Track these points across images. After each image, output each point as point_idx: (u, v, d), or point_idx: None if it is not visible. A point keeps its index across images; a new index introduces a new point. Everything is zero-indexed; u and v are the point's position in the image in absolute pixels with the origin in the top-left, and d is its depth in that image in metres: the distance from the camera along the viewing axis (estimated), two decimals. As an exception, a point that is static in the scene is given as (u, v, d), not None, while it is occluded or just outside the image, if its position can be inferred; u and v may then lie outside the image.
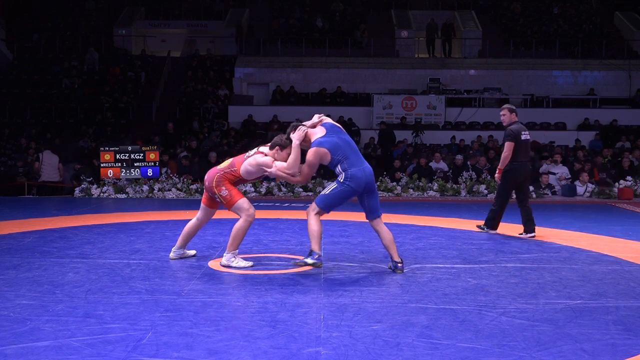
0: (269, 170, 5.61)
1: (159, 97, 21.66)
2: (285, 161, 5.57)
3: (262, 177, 5.92)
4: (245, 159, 5.76)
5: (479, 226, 8.25)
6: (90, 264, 5.88)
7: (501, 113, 8.05)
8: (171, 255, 6.19)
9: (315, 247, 5.42)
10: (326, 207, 5.55)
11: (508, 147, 7.75)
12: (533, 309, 4.47)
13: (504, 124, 8.07)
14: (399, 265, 5.63)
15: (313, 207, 5.55)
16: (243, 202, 5.73)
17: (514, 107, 8.18)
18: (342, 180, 5.48)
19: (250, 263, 5.77)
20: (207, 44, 25.04)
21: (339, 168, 5.51)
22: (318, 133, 5.55)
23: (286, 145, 5.61)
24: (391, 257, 5.67)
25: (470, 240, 7.53)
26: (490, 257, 6.43)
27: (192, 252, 6.34)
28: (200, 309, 4.40)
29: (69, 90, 20.92)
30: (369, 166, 5.61)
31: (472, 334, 3.90)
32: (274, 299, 4.71)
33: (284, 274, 5.60)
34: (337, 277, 5.45)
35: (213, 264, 5.93)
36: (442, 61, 23.22)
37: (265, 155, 5.69)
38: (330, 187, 5.57)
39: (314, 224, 5.46)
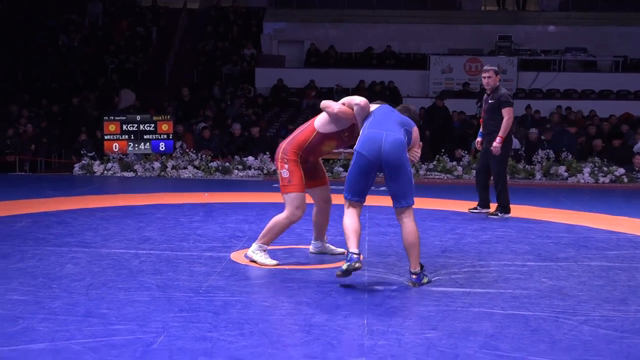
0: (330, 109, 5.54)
1: (172, 57, 21.79)
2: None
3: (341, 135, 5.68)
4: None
5: (494, 212, 8.62)
6: (93, 254, 5.97)
7: (485, 75, 8.54)
8: (310, 249, 6.24)
9: (349, 245, 5.08)
10: (347, 191, 5.25)
11: (510, 112, 8.36)
12: (622, 318, 4.43)
13: (488, 87, 8.62)
14: (413, 277, 5.15)
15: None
16: (296, 197, 5.61)
17: (498, 70, 8.82)
18: (355, 149, 5.24)
19: (274, 262, 5.71)
20: (230, -7, 25.09)
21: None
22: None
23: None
24: (409, 265, 5.24)
25: (546, 232, 7.47)
26: (571, 254, 6.37)
27: (340, 250, 6.13)
28: (220, 310, 4.44)
29: (67, 49, 21.15)
30: (399, 136, 5.14)
31: (547, 346, 3.88)
32: (308, 299, 4.73)
33: (321, 269, 5.62)
34: (383, 275, 5.45)
35: (236, 256, 5.98)
36: (515, 15, 22.88)
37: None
38: None
39: (344, 219, 5.23)
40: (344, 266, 5.00)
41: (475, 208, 8.80)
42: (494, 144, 8.31)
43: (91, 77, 20.01)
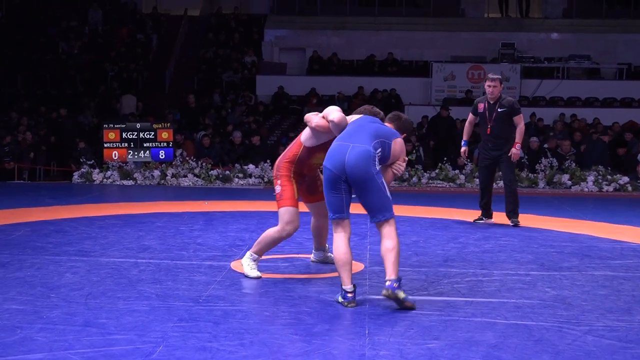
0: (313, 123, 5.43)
1: (173, 64, 21.83)
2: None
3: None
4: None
5: (514, 221, 8.62)
6: (92, 263, 5.98)
7: (492, 84, 8.59)
8: (312, 258, 6.24)
9: (342, 280, 4.86)
10: (329, 210, 5.06)
11: (522, 119, 8.63)
12: (626, 328, 4.42)
13: (492, 96, 8.62)
14: (387, 284, 4.78)
15: None
16: (286, 211, 5.50)
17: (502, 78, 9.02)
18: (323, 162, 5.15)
19: (258, 274, 5.56)
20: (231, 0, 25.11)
21: None
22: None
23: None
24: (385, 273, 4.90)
25: (550, 241, 7.46)
26: (574, 263, 6.36)
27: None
28: (220, 319, 4.44)
29: (66, 56, 21.19)
30: (366, 148, 4.88)
31: (550, 356, 3.87)
32: (309, 308, 4.73)
33: (322, 278, 5.62)
34: (385, 284, 5.44)
35: (236, 265, 5.97)
36: (518, 22, 22.92)
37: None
38: None
39: (333, 248, 5.03)
40: (339, 299, 4.88)
41: (481, 219, 8.79)
42: (514, 150, 8.44)
43: (91, 85, 20.06)
